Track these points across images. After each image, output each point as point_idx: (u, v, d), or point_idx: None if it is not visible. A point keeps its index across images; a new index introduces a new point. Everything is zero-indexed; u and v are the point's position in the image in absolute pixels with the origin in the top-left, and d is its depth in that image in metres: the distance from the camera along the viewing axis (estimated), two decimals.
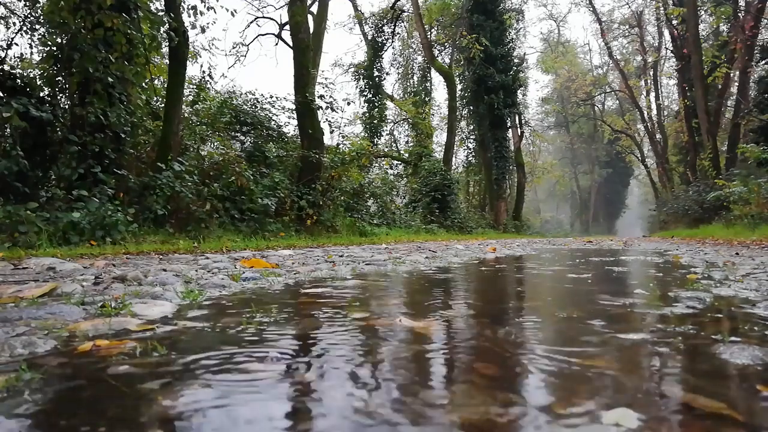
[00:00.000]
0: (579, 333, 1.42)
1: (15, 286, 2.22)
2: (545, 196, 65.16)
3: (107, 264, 3.88)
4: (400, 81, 32.94)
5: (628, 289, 2.48)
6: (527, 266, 4.53)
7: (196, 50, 14.12)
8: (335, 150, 14.81)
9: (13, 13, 9.05)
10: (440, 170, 22.21)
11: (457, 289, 2.61)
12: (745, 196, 13.41)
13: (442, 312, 1.79)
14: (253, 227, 9.82)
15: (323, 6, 17.66)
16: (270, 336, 1.37)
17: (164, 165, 8.53)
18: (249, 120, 13.51)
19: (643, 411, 0.80)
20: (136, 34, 8.44)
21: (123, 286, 2.39)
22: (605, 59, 43.06)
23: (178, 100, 9.77)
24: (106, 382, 0.95)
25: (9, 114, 6.60)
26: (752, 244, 8.24)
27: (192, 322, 1.57)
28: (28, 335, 1.29)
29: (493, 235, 22.72)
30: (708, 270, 3.45)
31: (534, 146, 43.91)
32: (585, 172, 56.89)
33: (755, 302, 1.91)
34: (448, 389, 0.93)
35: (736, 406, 0.83)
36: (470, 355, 1.21)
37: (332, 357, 1.16)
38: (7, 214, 5.68)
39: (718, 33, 24.53)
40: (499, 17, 26.89)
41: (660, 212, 29.13)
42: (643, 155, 40.20)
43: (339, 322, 1.59)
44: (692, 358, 1.15)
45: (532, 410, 0.81)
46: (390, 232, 15.38)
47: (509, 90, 27.00)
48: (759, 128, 17.35)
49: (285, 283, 2.75)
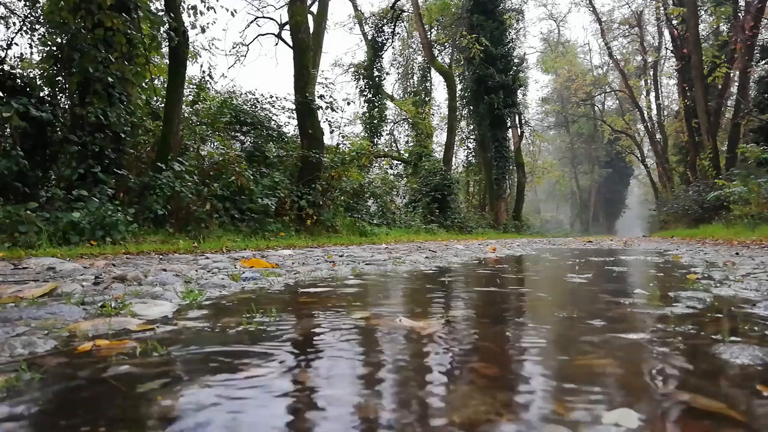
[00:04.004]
0: (579, 333, 1.42)
1: (15, 286, 2.22)
2: (545, 196, 65.15)
3: (107, 264, 3.88)
4: (400, 81, 32.99)
5: (628, 289, 2.48)
6: (527, 266, 4.53)
7: (196, 50, 14.14)
8: (335, 150, 14.81)
9: (13, 13, 9.04)
10: (440, 170, 22.22)
11: (457, 289, 2.61)
12: (745, 196, 13.41)
13: (442, 312, 1.79)
14: (253, 227, 9.82)
15: (323, 6, 17.65)
16: (270, 336, 1.37)
17: (164, 165, 8.53)
18: (249, 120, 13.51)
19: (644, 411, 0.80)
20: (136, 34, 8.45)
21: (123, 286, 2.39)
22: (605, 59, 43.07)
23: (178, 100, 9.77)
24: (106, 382, 0.95)
25: (9, 114, 6.60)
26: (752, 243, 8.24)
27: (192, 322, 1.57)
28: (28, 335, 1.29)
29: (493, 235, 22.71)
30: (708, 270, 3.45)
31: (534, 146, 43.90)
32: (585, 172, 56.86)
33: (755, 302, 1.91)
34: (449, 389, 0.93)
35: (736, 406, 0.83)
36: (470, 355, 1.21)
37: (332, 357, 1.16)
38: (7, 214, 5.68)
39: (718, 33, 24.51)
40: (499, 17, 26.89)
41: (660, 212, 29.12)
42: (643, 155, 40.20)
43: (339, 322, 1.59)
44: (692, 358, 1.15)
45: (532, 410, 0.81)
46: (390, 232, 15.38)
47: (509, 90, 27.00)
48: (759, 128, 17.33)
49: (285, 283, 2.75)
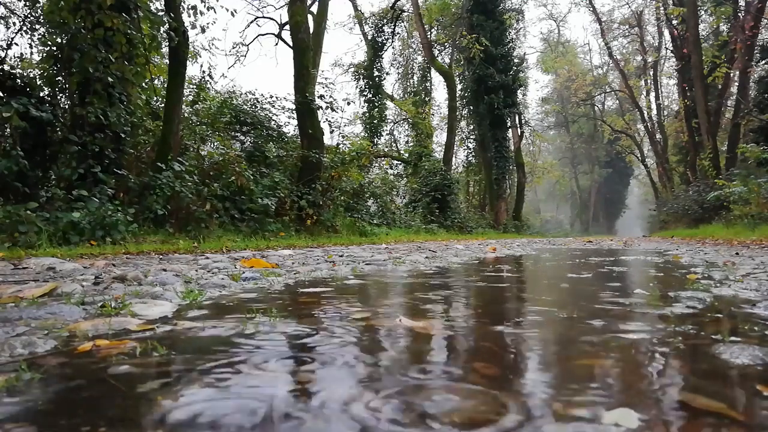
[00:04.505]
0: (579, 333, 1.42)
1: (15, 286, 2.22)
2: (545, 196, 65.13)
3: (107, 264, 3.88)
4: (400, 81, 32.99)
5: (628, 289, 2.48)
6: (527, 266, 4.53)
7: (196, 50, 14.14)
8: (335, 150, 14.81)
9: (13, 13, 9.05)
10: (440, 170, 22.22)
11: (458, 289, 2.61)
12: (745, 196, 13.41)
13: (442, 312, 1.78)
14: (253, 227, 9.82)
15: (323, 6, 17.65)
16: (270, 336, 1.37)
17: (164, 165, 8.53)
18: (249, 120, 13.52)
19: (644, 411, 0.80)
20: (136, 34, 8.45)
21: (123, 286, 2.39)
22: (605, 59, 43.06)
23: (178, 100, 9.77)
24: (106, 382, 0.95)
25: (9, 114, 6.60)
26: (752, 243, 8.24)
27: (192, 322, 1.57)
28: (28, 335, 1.29)
29: (493, 235, 22.71)
30: (708, 270, 3.45)
31: (534, 146, 43.90)
32: (585, 172, 56.85)
33: (755, 302, 1.91)
34: (449, 389, 0.93)
35: (736, 406, 0.83)
36: (470, 355, 1.21)
37: (332, 357, 1.16)
38: (7, 214, 5.68)
39: (718, 33, 24.50)
40: (499, 17, 26.89)
41: (660, 212, 29.12)
42: (643, 155, 40.19)
43: (339, 322, 1.58)
44: (692, 358, 1.15)
45: (532, 410, 0.81)
46: (390, 232, 15.38)
47: (509, 90, 27.01)
48: (759, 128, 17.33)
49: (285, 283, 2.75)
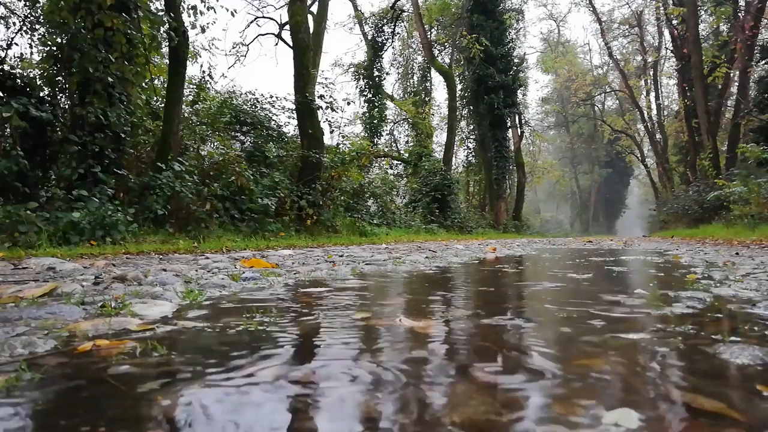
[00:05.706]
0: (579, 333, 1.41)
1: (15, 286, 2.22)
2: (545, 196, 65.13)
3: (107, 264, 3.88)
4: (400, 81, 32.99)
5: (628, 289, 2.48)
6: (527, 266, 4.53)
7: (196, 50, 14.15)
8: (335, 150, 14.82)
9: (13, 13, 9.04)
10: (440, 170, 22.22)
11: (457, 289, 2.61)
12: (745, 196, 13.40)
13: (442, 312, 1.78)
14: (253, 227, 9.82)
15: (323, 6, 17.66)
16: (270, 336, 1.37)
17: (164, 165, 8.53)
18: (249, 120, 13.51)
19: (644, 411, 0.80)
20: (136, 34, 8.45)
21: (123, 286, 2.39)
22: (605, 59, 43.05)
23: (178, 100, 9.77)
24: (106, 382, 0.95)
25: (9, 114, 6.60)
26: (752, 243, 8.24)
27: (192, 322, 1.57)
28: (28, 335, 1.29)
29: (493, 235, 22.71)
30: (708, 270, 3.45)
31: (534, 146, 43.90)
32: (585, 172, 56.86)
33: (755, 302, 1.91)
34: (449, 389, 0.93)
35: (736, 406, 0.83)
36: (470, 355, 1.21)
37: (332, 357, 1.16)
38: (7, 214, 5.68)
39: (718, 33, 24.50)
40: (499, 17, 26.89)
41: (660, 212, 29.12)
42: (643, 155, 40.19)
43: (339, 322, 1.59)
44: (692, 358, 1.15)
45: (532, 410, 0.81)
46: (390, 232, 15.38)
47: (509, 90, 27.01)
48: (759, 128, 17.33)
49: (285, 283, 2.75)
